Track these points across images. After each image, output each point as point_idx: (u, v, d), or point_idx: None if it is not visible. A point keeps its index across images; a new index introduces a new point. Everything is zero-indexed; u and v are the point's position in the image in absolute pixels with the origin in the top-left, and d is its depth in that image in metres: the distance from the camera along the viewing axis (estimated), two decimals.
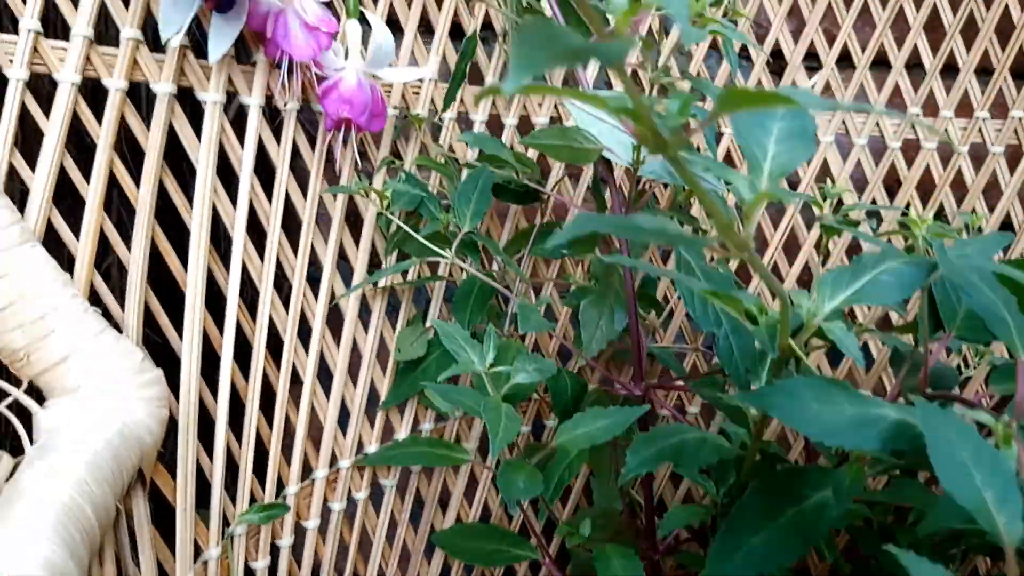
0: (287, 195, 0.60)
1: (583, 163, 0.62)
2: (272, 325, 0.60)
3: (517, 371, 0.51)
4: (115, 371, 0.47)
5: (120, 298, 0.52)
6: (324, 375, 0.65)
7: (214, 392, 0.57)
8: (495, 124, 0.71)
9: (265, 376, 0.60)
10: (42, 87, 0.50)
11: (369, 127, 0.60)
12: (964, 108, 0.81)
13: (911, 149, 0.81)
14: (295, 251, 0.61)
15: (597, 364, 0.69)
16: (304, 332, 0.63)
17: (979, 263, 0.40)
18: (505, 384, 0.52)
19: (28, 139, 0.49)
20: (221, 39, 0.54)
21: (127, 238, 0.53)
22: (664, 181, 0.58)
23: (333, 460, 0.66)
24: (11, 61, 0.48)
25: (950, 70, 0.80)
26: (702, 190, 0.30)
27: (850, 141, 0.80)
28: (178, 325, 0.55)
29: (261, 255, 0.59)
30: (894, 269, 0.40)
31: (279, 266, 0.60)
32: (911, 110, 0.80)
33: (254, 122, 0.58)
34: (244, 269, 0.58)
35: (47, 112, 0.49)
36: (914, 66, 0.80)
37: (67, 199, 0.50)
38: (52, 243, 0.49)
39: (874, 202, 0.81)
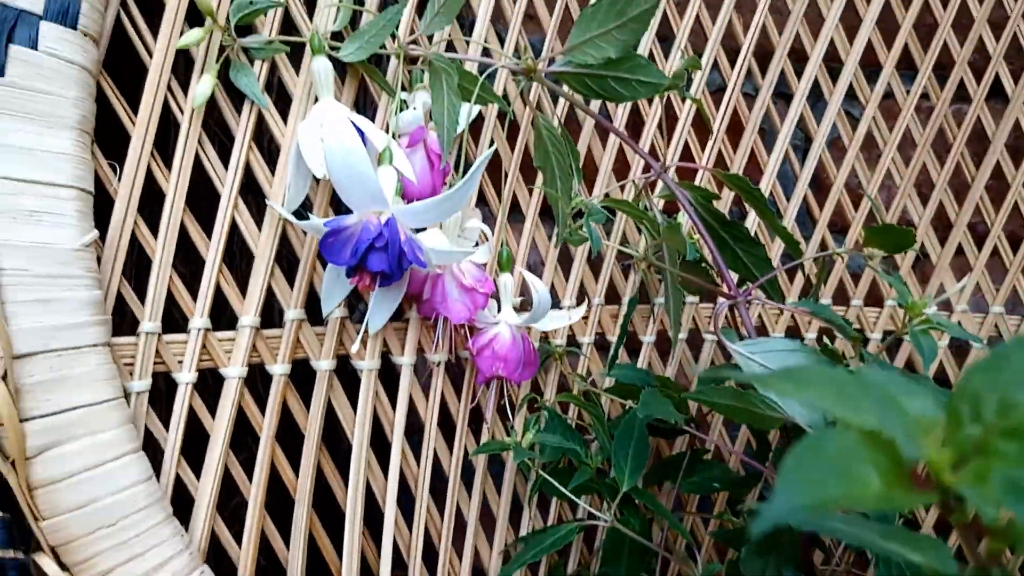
0: (435, 455, 0.57)
1: (763, 428, 0.58)
2: None
3: None
4: None
5: None
6: None
7: None
8: (631, 339, 0.68)
9: None
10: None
11: (521, 378, 0.57)
12: None
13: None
14: (441, 512, 0.57)
15: None
16: None
17: None
18: None
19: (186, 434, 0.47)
20: (382, 310, 0.52)
21: (283, 532, 0.49)
22: None
23: None
24: (180, 363, 0.46)
25: None
26: None
27: None
28: None
29: (408, 523, 0.55)
30: None
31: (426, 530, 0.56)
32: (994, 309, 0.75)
33: (406, 383, 0.55)
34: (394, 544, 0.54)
35: (209, 406, 0.47)
36: None
37: (226, 501, 0.47)
38: (213, 549, 0.46)
39: None
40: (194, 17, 0.46)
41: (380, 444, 0.55)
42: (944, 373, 0.74)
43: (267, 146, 0.50)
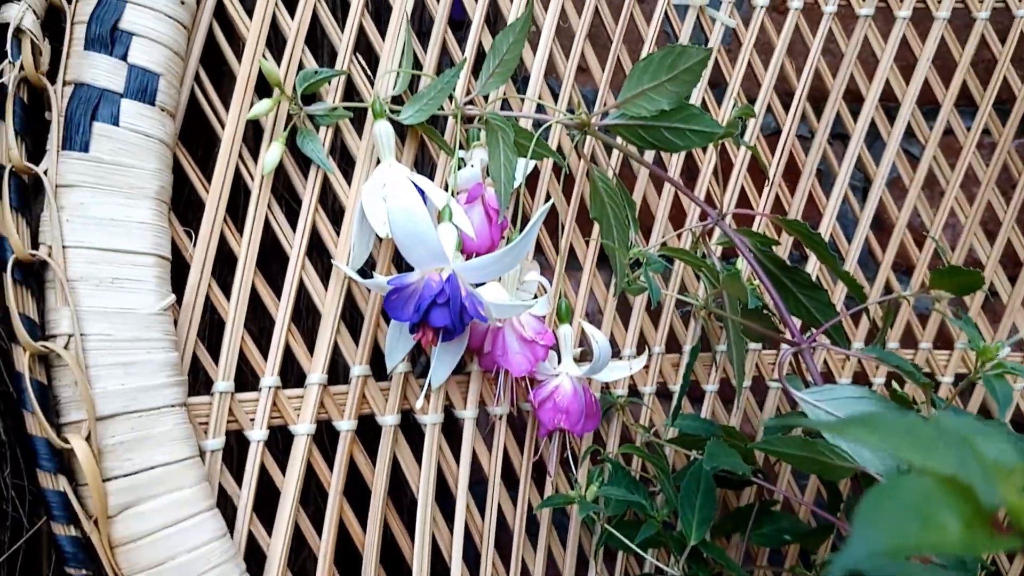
0: (499, 508, 0.57)
1: (833, 479, 0.56)
2: None
3: None
4: None
5: None
6: None
7: None
8: (693, 387, 0.67)
9: None
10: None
11: (583, 431, 0.57)
12: None
13: None
14: (506, 567, 0.57)
15: None
16: None
17: None
18: None
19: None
20: (444, 365, 0.52)
21: None
22: None
23: None
24: (252, 421, 0.47)
25: None
26: None
27: None
28: None
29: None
30: None
31: None
32: None
33: (469, 437, 0.55)
34: None
35: (279, 462, 0.48)
36: None
37: (295, 553, 0.48)
38: None
39: None
40: (262, 88, 0.49)
41: (445, 496, 0.55)
42: (1021, 415, 0.72)
43: (332, 207, 0.52)
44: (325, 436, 0.51)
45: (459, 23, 0.59)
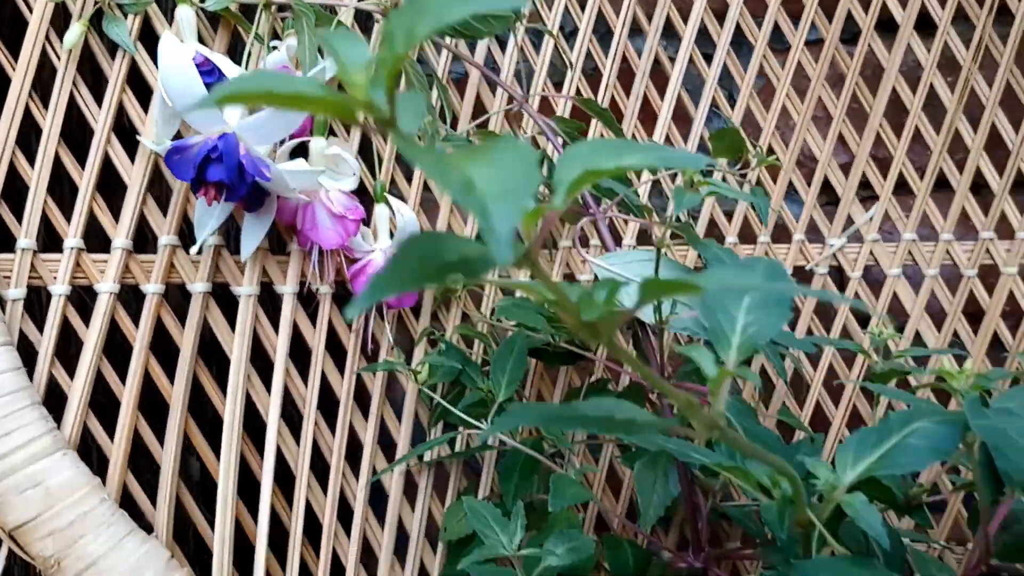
0: (324, 376, 0.61)
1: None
2: (310, 508, 0.59)
3: (547, 553, 0.48)
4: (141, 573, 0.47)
5: (151, 493, 0.53)
6: (369, 557, 0.63)
7: None
8: None
9: (303, 564, 0.58)
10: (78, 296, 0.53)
11: (401, 304, 0.61)
12: None
13: (991, 275, 0.75)
14: (333, 432, 0.61)
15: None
16: (345, 513, 0.61)
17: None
18: (536, 568, 0.48)
19: (65, 346, 0.52)
20: (252, 236, 0.56)
21: (159, 435, 0.54)
22: (699, 336, 0.56)
23: None
24: (55, 278, 0.51)
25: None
26: (647, 372, 0.27)
27: (920, 272, 0.75)
28: (210, 515, 0.55)
29: (297, 439, 0.59)
30: (925, 430, 0.36)
31: (317, 449, 0.60)
32: (984, 234, 0.75)
33: (288, 310, 0.59)
34: (279, 454, 0.58)
35: (85, 320, 0.52)
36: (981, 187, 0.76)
37: (101, 401, 0.52)
38: (85, 445, 0.51)
39: (956, 336, 0.75)
40: None
41: (270, 371, 0.59)
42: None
43: (143, 90, 0.56)
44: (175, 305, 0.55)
45: None
